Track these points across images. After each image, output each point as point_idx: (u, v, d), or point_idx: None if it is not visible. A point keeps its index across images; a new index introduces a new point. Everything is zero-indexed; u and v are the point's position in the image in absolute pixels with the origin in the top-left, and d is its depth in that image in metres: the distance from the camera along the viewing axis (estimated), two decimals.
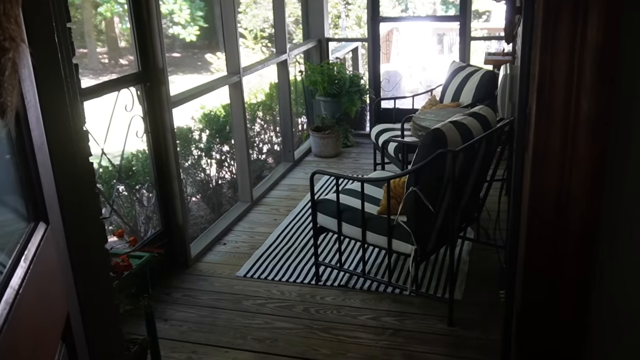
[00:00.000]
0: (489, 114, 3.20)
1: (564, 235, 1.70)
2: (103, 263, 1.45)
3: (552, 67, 1.38)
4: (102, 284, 1.43)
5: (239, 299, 3.40)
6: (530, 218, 1.77)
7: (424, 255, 3.11)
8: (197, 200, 5.32)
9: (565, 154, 1.45)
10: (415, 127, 3.95)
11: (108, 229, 4.02)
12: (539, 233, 1.77)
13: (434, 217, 2.97)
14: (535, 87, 1.46)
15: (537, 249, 1.79)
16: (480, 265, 3.65)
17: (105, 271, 1.46)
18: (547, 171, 1.52)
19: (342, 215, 3.27)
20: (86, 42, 16.74)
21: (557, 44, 1.37)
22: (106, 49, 15.45)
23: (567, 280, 1.72)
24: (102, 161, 3.43)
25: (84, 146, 1.38)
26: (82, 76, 8.45)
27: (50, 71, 1.21)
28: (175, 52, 18.62)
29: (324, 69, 5.84)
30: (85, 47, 16.87)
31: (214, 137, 5.10)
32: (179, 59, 18.33)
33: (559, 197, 1.60)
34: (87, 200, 1.37)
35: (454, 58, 6.61)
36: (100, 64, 16.16)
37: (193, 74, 16.33)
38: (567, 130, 1.42)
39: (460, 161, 2.88)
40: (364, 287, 3.44)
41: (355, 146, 6.18)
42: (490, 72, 4.56)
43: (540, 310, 1.83)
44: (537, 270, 1.81)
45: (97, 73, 15.10)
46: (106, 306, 1.45)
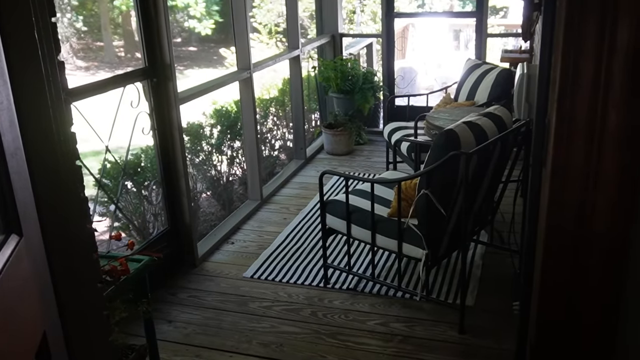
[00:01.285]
0: (504, 114, 3.08)
1: (587, 247, 1.59)
2: (90, 274, 1.37)
3: (575, 73, 1.25)
4: (89, 295, 1.36)
5: (245, 301, 3.33)
6: (549, 228, 1.67)
7: (435, 260, 3.01)
8: (208, 196, 5.26)
9: (589, 166, 1.34)
10: (429, 127, 3.84)
11: (114, 225, 3.97)
12: (559, 243, 1.66)
13: (446, 220, 2.87)
14: (556, 96, 1.34)
15: (556, 259, 1.68)
16: (493, 269, 3.54)
17: (92, 282, 1.38)
18: (568, 184, 1.41)
19: (352, 217, 3.17)
20: (102, 35, 16.77)
21: (582, 47, 1.24)
22: (122, 42, 15.46)
23: (590, 292, 1.61)
24: (108, 157, 3.37)
25: (70, 150, 1.30)
26: (98, 69, 8.43)
27: (29, 70, 1.13)
28: (191, 46, 18.65)
29: (337, 65, 5.73)
30: (101, 41, 16.89)
31: (225, 133, 5.03)
32: (195, 52, 18.35)
33: (582, 208, 1.49)
34: (72, 207, 1.29)
35: (470, 55, 6.47)
36: (117, 58, 16.18)
37: (209, 68, 16.31)
38: (592, 142, 1.30)
39: (474, 163, 2.77)
40: (373, 291, 3.35)
41: (368, 144, 6.07)
42: (507, 71, 4.43)
43: (560, 325, 1.72)
44: (556, 282, 1.71)
45: (112, 66, 15.12)
46: (93, 319, 1.37)
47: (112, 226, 3.63)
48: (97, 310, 1.42)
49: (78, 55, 15.17)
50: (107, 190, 3.29)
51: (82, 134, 3.00)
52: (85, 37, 15.92)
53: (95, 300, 1.42)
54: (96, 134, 3.01)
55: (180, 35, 18.10)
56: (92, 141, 3.18)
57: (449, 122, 3.77)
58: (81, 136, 2.94)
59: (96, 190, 3.21)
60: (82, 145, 3.05)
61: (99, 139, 3.07)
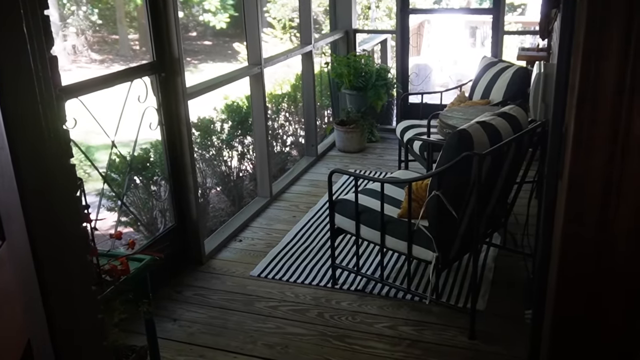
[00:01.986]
0: (519, 114, 2.99)
1: (609, 252, 1.51)
2: (84, 276, 1.32)
3: (596, 78, 1.16)
4: (82, 299, 1.31)
5: (251, 300, 3.27)
6: (567, 236, 1.58)
7: (445, 263, 2.93)
8: (217, 192, 5.22)
9: (611, 172, 1.25)
10: (442, 125, 3.76)
11: (122, 220, 3.93)
12: (577, 251, 1.58)
13: (458, 223, 2.79)
14: (575, 102, 1.25)
15: (575, 266, 1.60)
16: (505, 273, 3.46)
17: (86, 285, 1.33)
18: (588, 190, 1.32)
19: (361, 217, 3.10)
20: (118, 28, 16.83)
21: (605, 49, 1.15)
22: (137, 35, 15.48)
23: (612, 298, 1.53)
24: (116, 151, 3.33)
25: (63, 148, 1.25)
26: (113, 62, 8.40)
27: (16, 65, 1.07)
28: (206, 40, 18.64)
29: (350, 61, 5.65)
30: (117, 34, 16.95)
31: (236, 129, 4.98)
32: (209, 46, 18.34)
33: (603, 213, 1.40)
34: (64, 208, 1.24)
35: (486, 52, 6.36)
36: (131, 51, 16.21)
37: (223, 62, 16.30)
38: (615, 147, 1.21)
39: (487, 165, 2.69)
40: (381, 293, 3.28)
41: (380, 141, 5.99)
42: (523, 69, 4.33)
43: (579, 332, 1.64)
44: (574, 289, 1.62)
45: (127, 59, 15.14)
46: (86, 324, 1.32)
47: (119, 220, 3.58)
48: (90, 314, 1.37)
49: (93, 48, 15.23)
50: (112, 186, 3.24)
51: (93, 127, 2.97)
52: (100, 30, 15.96)
53: (89, 303, 1.36)
54: (102, 128, 2.97)
55: (196, 29, 18.11)
56: (103, 134, 3.15)
57: (463, 122, 3.68)
58: (92, 129, 2.92)
59: (102, 184, 3.16)
60: (93, 137, 2.99)
61: (105, 134, 3.03)
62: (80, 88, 2.69)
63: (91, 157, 8.41)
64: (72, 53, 14.67)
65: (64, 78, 1.56)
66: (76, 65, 14.41)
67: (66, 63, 14.20)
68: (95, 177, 4.08)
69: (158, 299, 3.26)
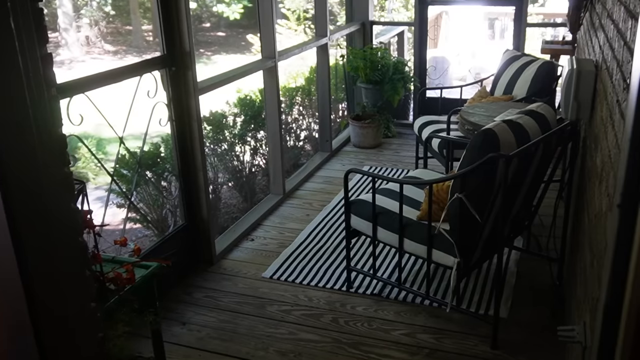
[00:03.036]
0: (548, 112, 2.83)
1: None
2: (81, 294, 1.20)
3: None
4: (78, 319, 1.19)
5: (263, 304, 3.16)
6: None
7: (467, 269, 2.79)
8: (229, 187, 5.11)
9: None
10: (463, 122, 3.60)
11: (129, 216, 3.82)
12: None
13: (481, 227, 2.64)
14: None
15: None
16: (529, 278, 3.31)
17: (84, 302, 1.21)
18: None
19: (378, 218, 2.97)
20: (131, 19, 16.72)
21: None
22: (151, 26, 15.37)
23: None
24: (123, 148, 3.22)
25: (58, 156, 1.13)
26: (126, 54, 8.30)
27: (1, 65, 0.95)
28: (220, 31, 18.53)
29: (366, 54, 5.50)
30: (130, 25, 16.84)
31: (248, 123, 4.85)
32: (223, 38, 18.23)
33: None
34: (58, 220, 1.12)
35: (505, 44, 6.17)
36: (145, 42, 16.13)
37: (236, 54, 16.19)
38: None
39: (514, 166, 2.53)
40: (398, 298, 3.15)
41: (396, 137, 5.84)
42: (549, 63, 4.15)
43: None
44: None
45: (140, 51, 15.08)
46: (83, 344, 1.21)
47: (127, 217, 3.47)
48: (88, 333, 1.25)
49: (107, 39, 15.16)
50: (121, 183, 3.13)
51: (104, 120, 2.86)
52: (114, 21, 15.91)
53: (86, 322, 1.25)
54: (110, 126, 2.85)
55: (209, 20, 18.01)
56: (117, 127, 3.03)
57: (485, 119, 3.53)
58: (103, 121, 2.81)
59: (110, 183, 3.06)
60: (105, 130, 2.87)
61: (113, 131, 2.92)
62: (86, 83, 2.57)
63: (103, 150, 8.30)
64: (86, 44, 14.62)
65: (78, 69, 1.46)
66: (90, 56, 14.38)
67: (80, 54, 14.18)
68: (104, 171, 3.99)
69: (167, 301, 3.16)
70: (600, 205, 1.73)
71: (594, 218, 1.88)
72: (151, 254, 3.16)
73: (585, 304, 1.89)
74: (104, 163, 8.26)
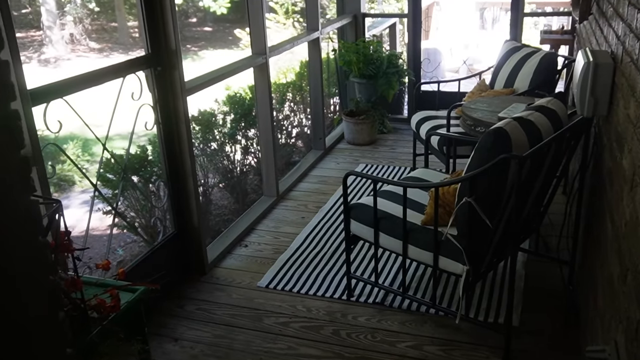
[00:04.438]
0: (559, 108, 2.66)
1: None
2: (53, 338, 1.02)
3: None
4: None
5: (259, 316, 2.98)
6: None
7: (476, 277, 2.63)
8: (220, 188, 4.92)
9: None
10: (465, 118, 3.43)
11: (114, 221, 3.63)
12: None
13: (492, 232, 2.47)
14: None
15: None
16: (538, 281, 3.15)
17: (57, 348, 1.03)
18: None
19: (380, 224, 2.79)
20: (116, 16, 16.41)
21: None
22: (137, 23, 15.11)
23: None
24: (116, 151, 3.03)
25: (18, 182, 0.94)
26: (112, 51, 8.07)
27: None
28: (206, 26, 18.27)
29: (359, 48, 5.31)
30: (115, 21, 16.53)
31: (238, 122, 4.66)
32: (210, 33, 17.98)
33: None
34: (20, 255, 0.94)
35: (497, 34, 6.00)
36: (131, 39, 15.83)
37: (224, 49, 15.93)
38: None
39: (527, 167, 2.37)
40: (402, 306, 2.98)
41: (392, 132, 5.66)
42: (551, 55, 3.98)
43: None
44: None
45: (127, 48, 14.79)
46: None
47: (113, 224, 3.27)
48: None
49: (92, 37, 14.86)
50: (104, 195, 2.93)
51: (91, 120, 2.66)
52: (99, 18, 15.59)
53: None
54: (92, 132, 2.66)
55: (196, 15, 17.74)
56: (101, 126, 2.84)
57: (488, 114, 3.36)
58: (90, 122, 2.62)
59: (94, 192, 2.85)
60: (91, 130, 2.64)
61: (96, 137, 2.72)
62: (64, 87, 2.37)
63: (89, 151, 8.02)
64: (70, 42, 14.32)
65: (64, 68, 1.28)
66: (75, 54, 14.09)
67: (64, 53, 13.88)
68: (93, 172, 3.79)
69: (157, 315, 2.98)
70: (635, 214, 1.56)
71: (624, 226, 1.72)
72: (140, 265, 2.97)
73: (616, 321, 1.73)
74: (91, 165, 7.99)
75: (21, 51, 2.04)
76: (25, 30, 14.14)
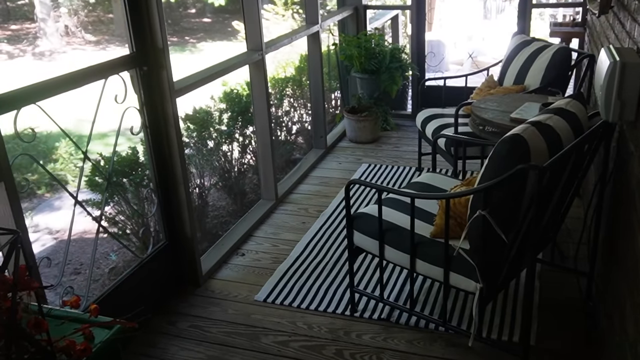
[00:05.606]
0: (579, 110, 2.45)
1: None
2: None
3: None
4: None
5: (256, 334, 2.78)
6: None
7: (491, 295, 2.42)
8: (217, 189, 4.71)
9: None
10: (475, 119, 3.22)
11: (98, 230, 3.43)
12: None
13: (508, 247, 2.27)
14: None
15: None
16: (554, 294, 2.95)
17: None
18: None
19: (385, 236, 2.59)
20: (113, 7, 16.18)
21: None
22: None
23: None
24: (105, 158, 2.82)
25: None
26: (109, 43, 7.85)
27: None
28: (205, 18, 18.05)
29: (360, 42, 5.08)
30: (111, 13, 16.29)
31: (235, 120, 4.44)
32: (209, 24, 17.74)
33: None
34: None
35: (501, 24, 5.77)
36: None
37: (223, 41, 15.69)
38: None
39: (547, 177, 2.15)
40: (410, 323, 2.78)
41: (395, 130, 5.44)
42: (565, 49, 3.75)
43: None
44: None
45: (124, 40, 14.57)
46: None
47: (98, 234, 3.04)
48: None
49: (87, 29, 14.61)
50: (87, 209, 2.72)
51: (85, 116, 2.45)
52: (95, 9, 15.34)
53: None
54: (70, 139, 2.46)
55: (195, 6, 17.50)
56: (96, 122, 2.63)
57: (499, 114, 3.15)
58: (84, 117, 2.41)
59: (74, 206, 2.64)
60: (86, 126, 2.45)
61: (76, 145, 2.51)
62: (37, 92, 2.16)
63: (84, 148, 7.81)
64: (65, 34, 14.07)
65: (60, 61, 1.09)
66: (71, 47, 13.84)
67: (59, 45, 13.64)
68: (86, 170, 3.60)
69: (148, 333, 2.78)
70: None
71: None
72: (130, 279, 2.78)
73: None
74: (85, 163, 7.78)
75: (15, 44, 1.83)
76: (20, 23, 13.91)
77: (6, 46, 12.41)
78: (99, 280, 4.32)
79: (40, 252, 4.94)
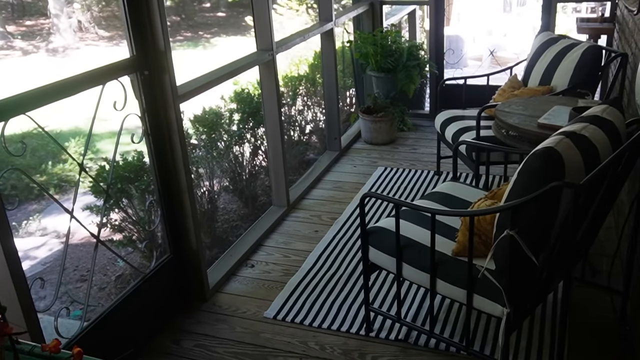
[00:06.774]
0: (616, 118, 2.23)
1: None
2: None
3: None
4: None
5: (265, 355, 2.61)
6: None
7: (518, 320, 2.22)
8: (227, 192, 4.55)
9: None
10: (499, 124, 3.01)
11: (97, 245, 3.29)
12: None
13: (539, 270, 2.07)
14: None
15: None
16: (584, 313, 2.74)
17: None
18: None
19: (403, 253, 2.40)
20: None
21: None
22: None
23: None
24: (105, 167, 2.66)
25: None
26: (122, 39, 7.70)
27: None
28: (219, 12, 17.91)
29: (376, 39, 4.87)
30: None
31: (246, 121, 4.27)
32: (223, 18, 17.60)
33: None
34: None
35: (522, 19, 5.53)
36: None
37: (237, 36, 15.52)
38: None
39: (584, 195, 1.95)
40: (429, 344, 2.59)
41: (412, 130, 5.23)
42: (595, 48, 3.51)
43: None
44: None
45: None
46: None
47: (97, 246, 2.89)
48: None
49: (100, 25, 14.51)
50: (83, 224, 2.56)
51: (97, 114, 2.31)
52: (109, 4, 15.24)
53: None
54: (64, 149, 2.29)
55: (209, 0, 17.38)
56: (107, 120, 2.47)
57: (526, 119, 2.94)
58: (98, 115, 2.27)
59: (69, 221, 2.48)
60: (100, 125, 2.30)
61: (71, 157, 2.36)
62: (27, 101, 2.00)
63: (93, 149, 7.68)
64: (79, 30, 13.97)
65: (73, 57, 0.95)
66: (84, 43, 13.75)
67: (73, 41, 13.55)
68: (94, 169, 3.47)
69: (150, 353, 2.63)
70: None
71: None
72: (133, 294, 2.62)
73: None
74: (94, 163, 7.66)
75: (29, 40, 1.68)
76: (35, 18, 13.86)
77: (20, 42, 12.36)
78: (105, 288, 4.19)
79: (46, 257, 4.82)
